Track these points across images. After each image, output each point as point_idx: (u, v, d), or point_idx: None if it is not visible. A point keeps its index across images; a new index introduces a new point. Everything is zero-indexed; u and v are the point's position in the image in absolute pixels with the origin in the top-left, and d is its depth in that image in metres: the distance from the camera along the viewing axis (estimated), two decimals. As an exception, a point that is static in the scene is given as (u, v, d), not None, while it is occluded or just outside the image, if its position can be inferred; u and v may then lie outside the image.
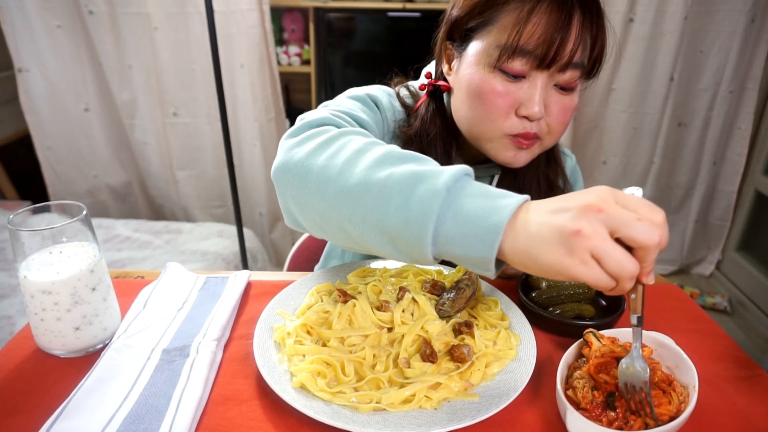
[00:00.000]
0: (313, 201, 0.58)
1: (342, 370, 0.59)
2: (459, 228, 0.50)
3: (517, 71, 0.72)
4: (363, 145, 0.58)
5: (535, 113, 0.73)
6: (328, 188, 0.56)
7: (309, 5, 2.39)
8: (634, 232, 0.45)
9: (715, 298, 2.44)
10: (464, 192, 0.51)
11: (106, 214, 2.55)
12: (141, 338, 0.65)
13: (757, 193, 2.50)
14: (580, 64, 0.72)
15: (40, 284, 0.59)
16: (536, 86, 0.73)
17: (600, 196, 0.47)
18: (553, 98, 0.75)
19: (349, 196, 0.55)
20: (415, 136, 0.85)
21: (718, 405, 0.59)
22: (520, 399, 0.57)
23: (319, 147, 0.60)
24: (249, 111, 2.37)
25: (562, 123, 0.77)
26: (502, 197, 0.50)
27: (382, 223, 0.53)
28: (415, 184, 0.52)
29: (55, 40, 2.21)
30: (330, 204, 0.57)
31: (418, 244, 0.51)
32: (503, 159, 0.80)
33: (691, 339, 0.69)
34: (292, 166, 0.60)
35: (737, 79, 2.29)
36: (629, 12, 2.20)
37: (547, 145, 0.81)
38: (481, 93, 0.75)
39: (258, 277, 0.83)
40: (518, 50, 0.70)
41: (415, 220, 0.51)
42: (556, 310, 0.72)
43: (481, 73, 0.75)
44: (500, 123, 0.76)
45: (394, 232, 0.53)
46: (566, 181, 0.93)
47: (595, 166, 2.54)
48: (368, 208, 0.54)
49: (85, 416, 0.53)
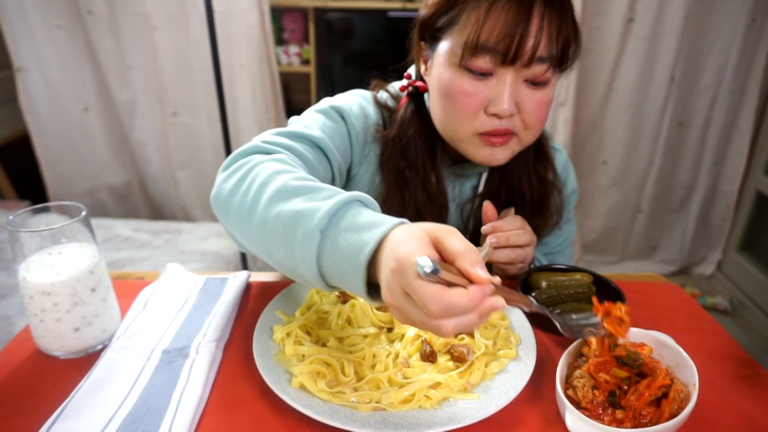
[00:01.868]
0: (240, 233, 0.63)
1: (342, 370, 0.59)
2: (336, 267, 0.51)
3: (482, 69, 0.71)
4: (266, 177, 0.60)
5: (503, 111, 0.72)
6: (243, 226, 0.61)
7: (309, 5, 2.39)
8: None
9: (715, 298, 2.44)
10: (338, 227, 0.52)
11: (106, 214, 2.55)
12: (141, 339, 0.65)
13: (758, 193, 2.50)
14: (546, 58, 0.71)
15: (40, 285, 0.59)
16: (504, 83, 0.72)
17: (391, 290, 0.47)
18: (525, 94, 0.73)
19: (258, 235, 0.59)
20: (393, 139, 0.84)
21: (718, 404, 0.59)
22: (520, 398, 0.57)
23: (237, 183, 0.63)
24: (249, 111, 2.37)
25: (537, 118, 0.76)
26: (369, 229, 0.50)
27: (282, 261, 0.57)
28: (296, 225, 0.53)
29: (54, 40, 2.21)
30: (249, 239, 0.61)
31: (314, 281, 0.54)
32: (479, 159, 0.79)
33: (691, 338, 0.69)
34: (221, 201, 0.65)
35: (738, 79, 2.29)
36: (629, 12, 2.20)
37: (526, 141, 0.80)
38: (450, 93, 0.75)
39: (258, 277, 0.83)
40: (480, 47, 0.70)
41: (302, 261, 0.53)
42: (556, 310, 0.72)
43: (449, 73, 0.74)
44: (469, 122, 0.75)
45: (294, 270, 0.56)
46: (556, 176, 0.92)
47: (595, 166, 2.54)
48: (269, 248, 0.58)
49: (85, 417, 0.53)
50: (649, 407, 0.53)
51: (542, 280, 0.76)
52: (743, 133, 2.39)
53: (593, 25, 2.24)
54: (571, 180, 0.99)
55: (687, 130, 2.44)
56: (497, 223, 0.77)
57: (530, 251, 0.80)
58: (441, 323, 0.44)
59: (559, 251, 1.00)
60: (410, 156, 0.84)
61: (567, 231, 0.99)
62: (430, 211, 0.86)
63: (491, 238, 0.76)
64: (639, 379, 0.55)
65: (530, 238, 0.79)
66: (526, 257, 0.79)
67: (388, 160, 0.85)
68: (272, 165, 0.63)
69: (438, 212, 0.87)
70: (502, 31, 0.68)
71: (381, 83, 0.91)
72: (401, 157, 0.84)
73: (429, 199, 0.86)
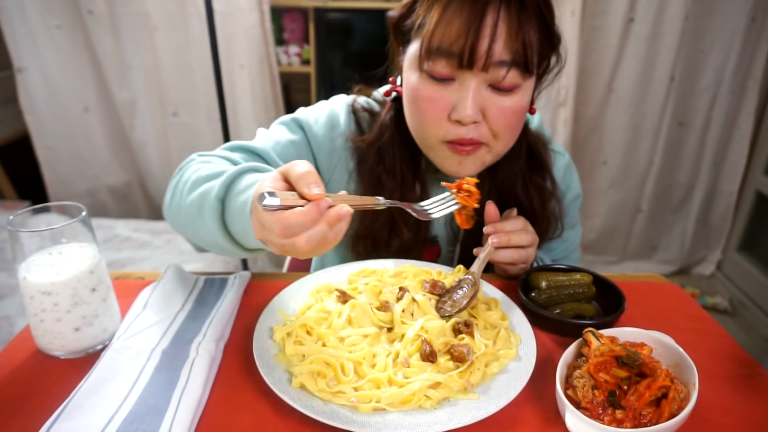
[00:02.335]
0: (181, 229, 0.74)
1: (342, 370, 0.59)
2: (236, 226, 0.60)
3: (442, 74, 0.69)
4: (188, 176, 0.70)
5: (464, 117, 0.69)
6: (178, 221, 0.72)
7: (309, 5, 2.39)
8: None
9: (715, 298, 2.44)
10: (232, 194, 0.61)
11: (106, 214, 2.55)
12: (141, 339, 0.65)
13: (758, 193, 2.50)
14: (507, 62, 0.67)
15: (40, 285, 0.59)
16: (466, 88, 0.69)
17: (255, 228, 0.54)
18: (490, 100, 0.71)
19: (186, 222, 0.69)
20: (370, 143, 0.84)
21: (718, 403, 0.59)
22: (519, 398, 0.57)
23: (172, 191, 0.73)
24: (249, 111, 2.37)
25: (505, 126, 0.73)
26: (251, 186, 0.58)
27: (205, 237, 0.67)
28: (203, 201, 0.63)
29: (54, 40, 2.21)
30: (183, 229, 0.72)
31: (230, 247, 0.64)
32: (448, 169, 0.77)
33: (691, 338, 0.69)
34: (166, 210, 0.75)
35: (738, 79, 2.29)
36: (629, 12, 2.20)
37: (498, 151, 0.77)
38: (415, 98, 0.73)
39: (258, 277, 0.83)
40: (435, 51, 0.68)
41: (214, 230, 0.63)
42: (555, 310, 0.72)
43: (414, 78, 0.73)
44: (434, 129, 0.73)
45: (216, 242, 0.65)
46: (555, 185, 0.90)
47: (595, 166, 2.54)
48: (194, 230, 0.68)
49: (85, 417, 0.53)
50: (649, 407, 0.53)
51: (542, 279, 0.76)
52: (743, 133, 2.39)
53: (593, 25, 2.24)
54: (574, 185, 0.96)
55: (687, 130, 2.44)
56: (499, 224, 0.77)
57: (532, 252, 0.80)
58: (293, 241, 0.48)
59: (565, 257, 0.99)
60: (387, 161, 0.83)
61: (572, 236, 0.98)
62: (407, 217, 0.83)
63: (493, 239, 0.76)
64: (639, 379, 0.55)
65: (532, 239, 0.79)
66: (528, 258, 0.79)
67: (365, 164, 0.84)
68: (195, 166, 0.71)
69: (416, 219, 0.85)
70: (455, 33, 0.66)
71: (364, 89, 0.91)
72: (377, 161, 0.84)
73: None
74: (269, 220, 0.48)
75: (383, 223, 0.85)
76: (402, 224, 0.85)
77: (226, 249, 0.67)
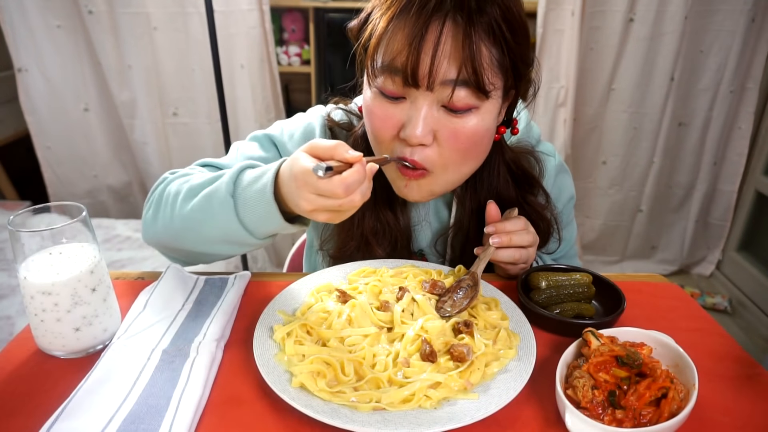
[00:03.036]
0: (175, 244, 0.76)
1: (342, 370, 0.59)
2: (254, 214, 0.65)
3: (392, 92, 0.66)
4: (176, 188, 0.73)
5: (411, 136, 0.66)
6: (171, 235, 0.74)
7: (309, 5, 2.39)
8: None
9: (715, 298, 2.44)
10: (241, 186, 0.66)
11: (106, 215, 2.55)
12: (141, 339, 0.65)
13: (758, 193, 2.50)
14: (458, 81, 0.62)
15: (40, 285, 0.59)
16: (417, 108, 0.65)
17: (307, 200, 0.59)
18: (442, 122, 0.66)
19: (185, 231, 0.72)
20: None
21: (718, 403, 0.59)
22: (519, 398, 0.57)
23: (155, 208, 0.77)
24: (249, 111, 2.37)
25: (455, 150, 0.68)
26: (263, 175, 0.64)
27: (215, 236, 0.70)
28: (211, 202, 0.67)
29: (54, 40, 2.21)
30: (180, 241, 0.74)
31: (246, 238, 0.68)
32: (397, 189, 0.76)
33: (691, 338, 0.69)
34: (149, 229, 0.78)
35: (737, 79, 2.29)
36: (629, 12, 2.20)
37: (443, 181, 0.72)
38: (368, 114, 0.72)
39: (258, 277, 0.83)
40: (381, 68, 0.65)
41: (228, 226, 0.67)
42: (555, 310, 0.72)
43: (368, 94, 0.71)
44: (384, 147, 0.71)
45: (228, 238, 0.69)
46: (548, 196, 0.85)
47: (595, 166, 2.54)
48: (200, 234, 0.71)
49: (85, 417, 0.53)
50: (649, 407, 0.53)
51: (542, 279, 0.76)
52: (743, 133, 2.39)
53: (593, 25, 2.24)
54: (566, 187, 0.94)
55: (687, 130, 2.44)
56: (500, 224, 0.77)
57: (532, 252, 0.80)
58: (351, 199, 0.57)
59: (563, 255, 0.98)
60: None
61: (569, 234, 0.97)
62: (380, 239, 0.83)
63: (494, 239, 0.76)
64: (639, 379, 0.56)
65: (533, 239, 0.79)
66: (529, 258, 0.79)
67: None
68: (177, 182, 0.75)
69: (390, 238, 0.84)
70: (397, 49, 0.63)
71: (341, 100, 0.89)
72: None
73: (380, 224, 0.82)
74: (330, 185, 0.55)
75: (356, 246, 0.84)
76: (375, 246, 0.83)
77: (236, 242, 0.70)
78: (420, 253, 0.91)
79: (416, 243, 0.90)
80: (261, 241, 0.70)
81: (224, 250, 0.75)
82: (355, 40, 0.74)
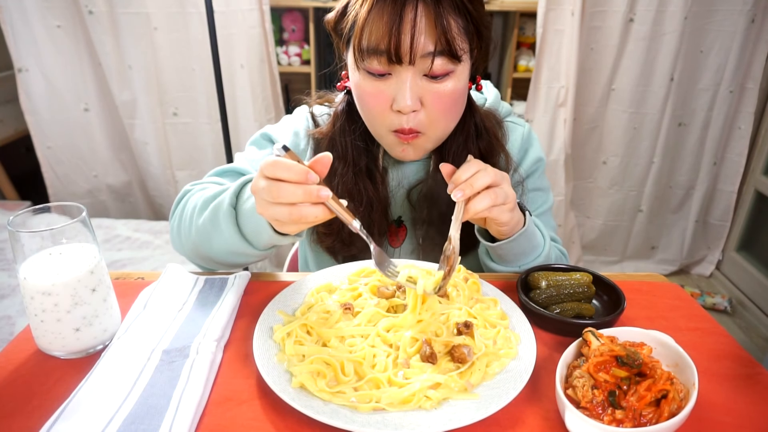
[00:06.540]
0: (196, 254, 0.83)
1: (342, 370, 0.59)
2: (252, 226, 0.71)
3: (378, 70, 0.74)
4: (193, 203, 0.80)
5: (403, 107, 0.75)
6: (191, 245, 0.82)
7: (309, 5, 2.39)
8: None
9: (715, 298, 2.44)
10: (242, 200, 0.72)
11: (106, 215, 2.55)
12: (141, 339, 0.65)
13: (758, 193, 2.50)
14: (435, 53, 0.72)
15: (40, 286, 0.59)
16: (403, 81, 0.74)
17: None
18: (426, 89, 0.75)
19: (201, 242, 0.79)
20: (325, 134, 0.90)
21: (718, 403, 0.59)
22: (519, 398, 0.57)
23: (178, 222, 0.83)
24: (249, 111, 2.37)
25: (440, 111, 0.77)
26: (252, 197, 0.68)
27: (223, 247, 0.76)
28: (217, 214, 0.74)
29: (54, 40, 2.21)
30: (199, 250, 0.81)
31: (246, 249, 0.74)
32: (395, 155, 0.86)
33: (691, 337, 0.69)
34: (176, 241, 0.85)
35: (737, 79, 2.29)
36: (629, 12, 2.20)
37: (435, 137, 0.82)
38: (360, 95, 0.80)
39: (258, 277, 0.83)
40: (366, 51, 0.73)
41: (231, 237, 0.73)
42: (555, 309, 0.72)
43: (356, 76, 0.79)
44: (381, 121, 0.79)
45: (233, 250, 0.76)
46: (509, 158, 0.91)
47: (595, 166, 2.55)
48: (211, 245, 0.77)
49: (85, 417, 0.53)
50: (649, 407, 0.53)
51: (542, 279, 0.76)
52: (743, 133, 2.40)
53: (593, 25, 2.24)
54: (533, 150, 0.97)
55: (687, 130, 2.44)
56: (454, 176, 0.71)
57: (507, 188, 0.73)
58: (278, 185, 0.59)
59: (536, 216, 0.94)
60: (338, 148, 0.88)
61: (540, 199, 0.97)
62: (358, 206, 0.89)
63: (456, 193, 0.69)
64: (639, 379, 0.55)
65: (495, 175, 0.71)
66: (506, 196, 0.72)
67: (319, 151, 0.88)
68: (196, 195, 0.81)
69: (368, 205, 0.90)
70: (380, 34, 0.71)
71: (323, 94, 0.98)
72: (330, 149, 0.84)
73: (358, 186, 0.89)
74: (265, 161, 0.59)
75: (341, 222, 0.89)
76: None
77: (240, 252, 0.76)
78: (399, 221, 0.96)
79: (394, 211, 0.95)
80: (262, 252, 0.76)
81: (233, 260, 0.81)
82: (332, 31, 0.82)
